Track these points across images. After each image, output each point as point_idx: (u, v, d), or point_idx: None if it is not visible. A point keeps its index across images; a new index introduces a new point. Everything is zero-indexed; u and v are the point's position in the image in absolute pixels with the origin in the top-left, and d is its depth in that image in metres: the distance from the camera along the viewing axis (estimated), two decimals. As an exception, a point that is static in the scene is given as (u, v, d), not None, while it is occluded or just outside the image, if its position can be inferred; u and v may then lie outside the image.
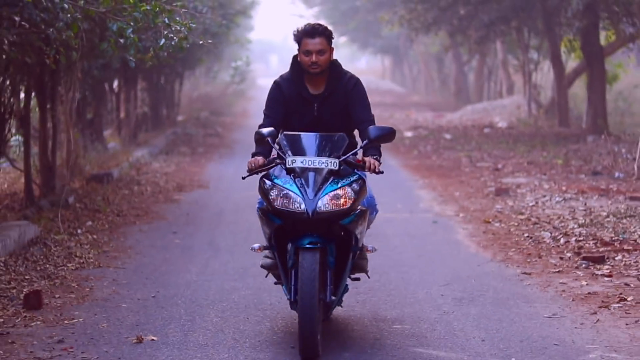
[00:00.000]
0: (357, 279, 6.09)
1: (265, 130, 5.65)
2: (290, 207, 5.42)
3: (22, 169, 12.09)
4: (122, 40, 7.52)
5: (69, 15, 6.75)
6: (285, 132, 5.77)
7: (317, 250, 5.36)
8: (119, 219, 10.50)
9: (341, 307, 6.23)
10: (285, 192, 5.45)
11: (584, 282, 7.58)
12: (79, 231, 9.58)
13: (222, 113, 29.40)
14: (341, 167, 5.55)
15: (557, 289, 7.37)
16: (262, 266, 5.96)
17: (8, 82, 10.42)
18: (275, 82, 5.96)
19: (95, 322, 6.42)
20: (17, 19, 7.02)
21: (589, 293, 7.24)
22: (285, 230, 5.55)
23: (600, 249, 8.70)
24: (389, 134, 5.65)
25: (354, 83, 5.93)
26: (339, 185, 5.48)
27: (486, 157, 17.29)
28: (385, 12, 27.51)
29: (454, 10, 22.86)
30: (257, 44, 58.28)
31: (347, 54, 70.06)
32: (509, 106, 28.48)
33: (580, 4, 17.59)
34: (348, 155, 5.61)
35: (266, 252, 5.85)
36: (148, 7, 6.98)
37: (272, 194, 5.48)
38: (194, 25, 7.59)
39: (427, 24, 23.25)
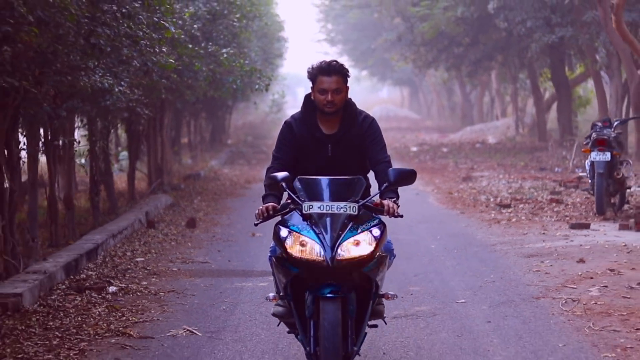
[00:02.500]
0: (375, 326, 5.76)
1: (279, 175, 5.36)
2: (309, 255, 5.08)
3: (141, 171, 18.06)
4: (234, 87, 13.49)
5: (204, 74, 12.62)
6: (300, 177, 5.38)
7: (338, 299, 5.08)
8: (216, 196, 16.39)
9: (359, 355, 5.59)
10: (302, 239, 5.10)
11: (492, 215, 13.33)
12: (195, 201, 15.45)
13: (265, 137, 35.37)
14: (360, 212, 5.19)
15: (476, 218, 13.13)
16: (274, 314, 5.63)
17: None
18: (286, 122, 5.74)
19: (227, 231, 12.26)
20: (174, 76, 12.88)
21: (492, 219, 12.98)
22: (301, 279, 5.21)
23: (511, 202, 14.44)
24: (408, 176, 5.36)
25: (369, 123, 5.67)
26: (359, 230, 5.14)
27: (468, 162, 23.06)
28: (395, 53, 33.46)
29: (449, 50, 28.71)
30: (286, 78, 64.45)
31: (369, 86, 76.19)
32: (501, 126, 34.24)
33: (537, 48, 23.29)
34: (368, 199, 5.32)
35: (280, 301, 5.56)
36: (247, 68, 12.91)
37: (288, 241, 5.13)
38: (273, 76, 13.49)
39: (427, 62, 29.14)
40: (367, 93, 78.75)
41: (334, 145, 5.64)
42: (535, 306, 7.70)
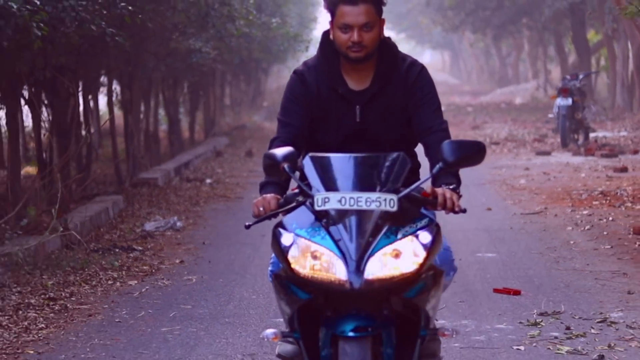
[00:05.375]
0: None
1: (279, 152, 4.13)
2: (324, 274, 3.88)
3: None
4: (281, 49, 19.96)
5: (258, 39, 19.04)
6: (311, 154, 4.13)
7: (367, 339, 3.90)
8: (264, 139, 22.86)
9: None
10: (314, 249, 3.91)
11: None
12: (247, 142, 21.97)
13: (298, 99, 41.93)
14: (401, 207, 3.96)
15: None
16: (279, 356, 4.48)
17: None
18: (295, 72, 4.62)
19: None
20: (240, 40, 19.33)
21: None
22: (313, 307, 4.00)
23: (502, 141, 20.75)
24: (475, 153, 4.13)
25: (418, 72, 4.54)
26: (399, 235, 3.91)
27: (487, 118, 29.37)
28: (425, 17, 39.84)
29: (476, 14, 34.94)
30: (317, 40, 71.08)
31: (408, 50, 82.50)
32: (530, 88, 40.43)
33: (550, 12, 29.50)
34: (412, 187, 4.06)
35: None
36: (292, 34, 19.36)
37: (293, 252, 3.93)
38: (311, 40, 19.91)
39: (454, 26, 35.43)
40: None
41: (365, 107, 4.55)
42: (478, 187, 14.08)
